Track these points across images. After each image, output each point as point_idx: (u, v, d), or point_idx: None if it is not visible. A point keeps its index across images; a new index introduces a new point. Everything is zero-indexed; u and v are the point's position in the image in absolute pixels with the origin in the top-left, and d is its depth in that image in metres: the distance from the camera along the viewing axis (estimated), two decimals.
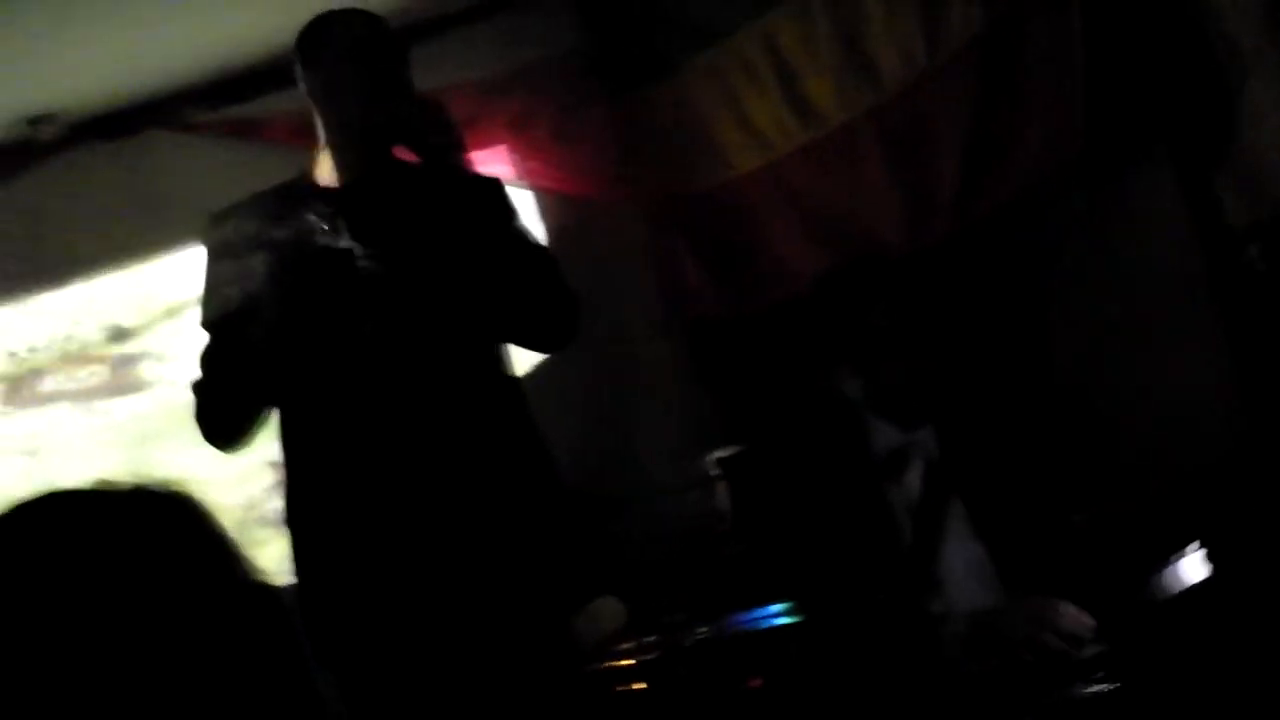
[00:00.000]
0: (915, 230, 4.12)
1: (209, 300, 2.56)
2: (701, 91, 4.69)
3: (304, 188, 2.63)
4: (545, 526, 2.50)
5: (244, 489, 4.24)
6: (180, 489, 1.15)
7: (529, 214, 4.92)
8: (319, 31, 2.61)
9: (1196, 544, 2.15)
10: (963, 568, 2.59)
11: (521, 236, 2.63)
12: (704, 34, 4.67)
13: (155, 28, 4.21)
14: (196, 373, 2.58)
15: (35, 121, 4.52)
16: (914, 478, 2.66)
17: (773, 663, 2.14)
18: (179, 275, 4.71)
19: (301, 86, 2.63)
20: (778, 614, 2.17)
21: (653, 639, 2.16)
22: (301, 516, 2.52)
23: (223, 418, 2.55)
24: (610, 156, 4.94)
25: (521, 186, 4.94)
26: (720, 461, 3.35)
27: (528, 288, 2.54)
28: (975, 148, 3.94)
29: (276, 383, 2.48)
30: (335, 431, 2.48)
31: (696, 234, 4.83)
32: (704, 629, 2.14)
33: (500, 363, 2.59)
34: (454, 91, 4.65)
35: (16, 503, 1.11)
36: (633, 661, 2.14)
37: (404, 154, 2.70)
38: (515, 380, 2.63)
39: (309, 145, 4.66)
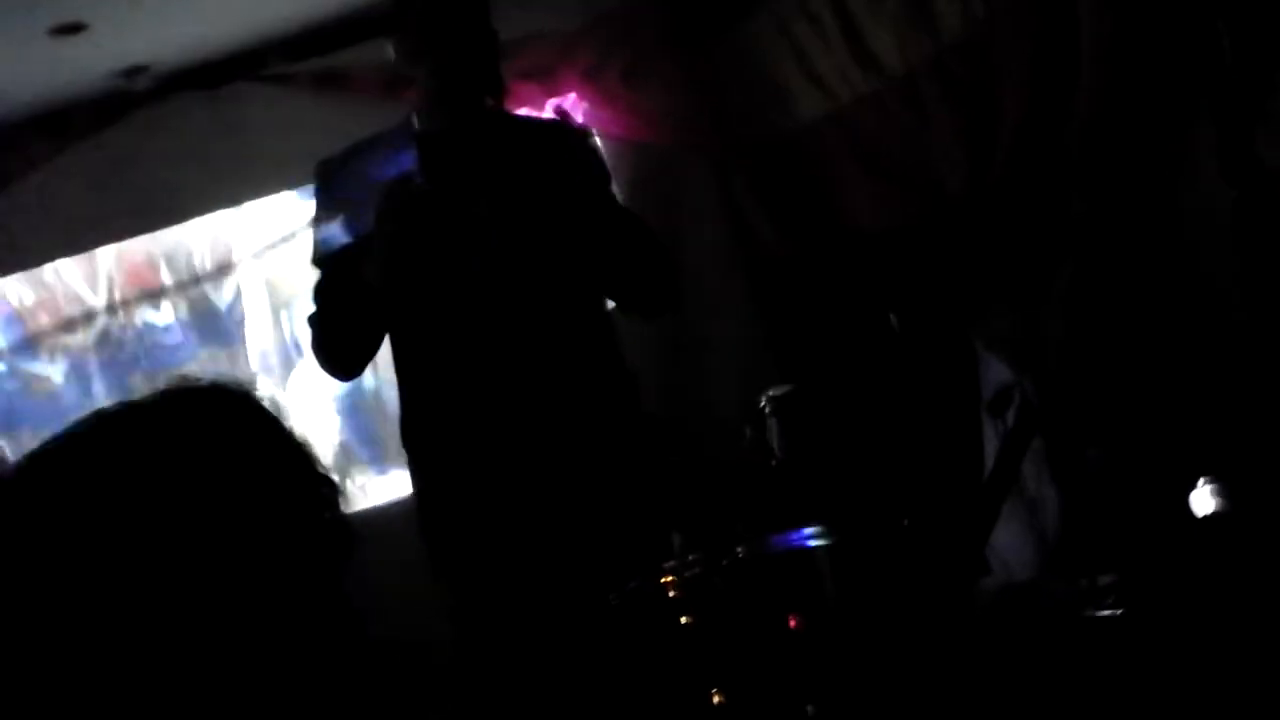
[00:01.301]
0: (977, 176, 4.22)
1: (320, 240, 2.73)
2: (769, 40, 4.80)
3: (409, 134, 2.78)
4: (633, 447, 2.69)
5: None
6: (252, 387, 1.24)
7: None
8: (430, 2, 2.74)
9: (1206, 479, 2.27)
10: (1027, 509, 2.72)
11: (613, 203, 2.81)
12: None
13: None
14: (312, 307, 2.77)
15: (128, 73, 4.74)
16: (1012, 416, 2.79)
17: (805, 583, 2.31)
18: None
19: (397, 42, 2.76)
20: (812, 536, 2.33)
21: (694, 558, 2.33)
22: (418, 437, 2.73)
23: (338, 348, 2.74)
24: (680, 104, 5.07)
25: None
26: (772, 399, 3.50)
27: (628, 250, 2.72)
28: (1034, 95, 4.02)
29: (388, 317, 2.65)
30: (448, 359, 2.68)
31: (762, 178, 4.96)
32: (741, 549, 2.31)
33: (597, 298, 2.76)
34: (530, 41, 4.81)
35: (102, 408, 1.19)
36: (673, 578, 2.31)
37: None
38: (607, 314, 2.80)
39: (392, 98, 4.89)
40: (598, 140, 2.98)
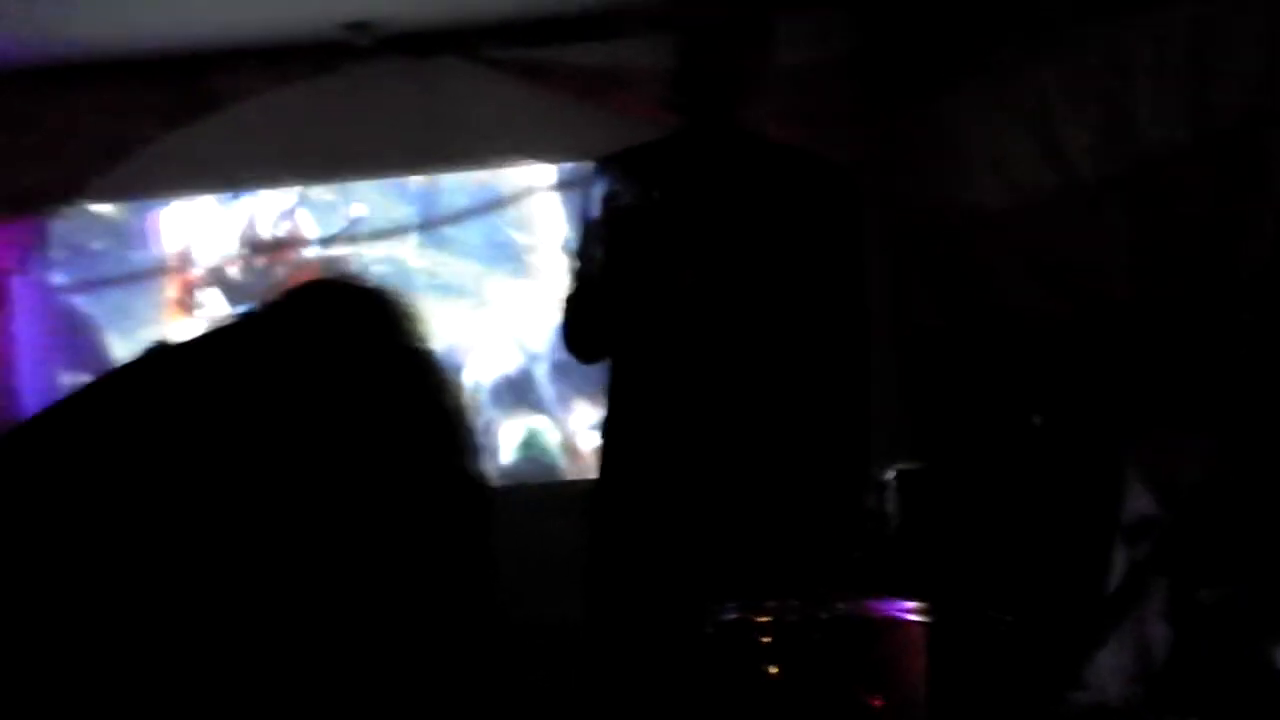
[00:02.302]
0: (1147, 290, 4.22)
1: (582, 231, 2.89)
2: (963, 120, 4.84)
3: (661, 148, 2.88)
4: (810, 486, 2.75)
5: None
6: (400, 294, 1.11)
7: None
8: (693, 8, 2.82)
9: None
10: (1136, 637, 2.72)
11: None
12: (977, 63, 4.81)
13: None
14: (570, 288, 2.92)
15: (352, 27, 4.95)
16: (1144, 549, 2.80)
17: (896, 656, 2.34)
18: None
19: (662, 58, 2.85)
20: (912, 610, 2.36)
21: (794, 604, 2.38)
22: (612, 431, 2.87)
23: (576, 335, 2.89)
24: (860, 164, 5.11)
25: None
26: (897, 472, 3.54)
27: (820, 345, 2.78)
28: (1213, 229, 4.02)
29: (615, 313, 2.79)
30: (650, 364, 2.79)
31: (928, 253, 4.99)
32: (843, 607, 2.36)
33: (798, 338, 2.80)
34: None
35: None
36: (770, 619, 2.36)
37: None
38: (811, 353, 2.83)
39: (590, 100, 5.03)
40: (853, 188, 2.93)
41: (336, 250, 5.20)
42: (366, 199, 5.25)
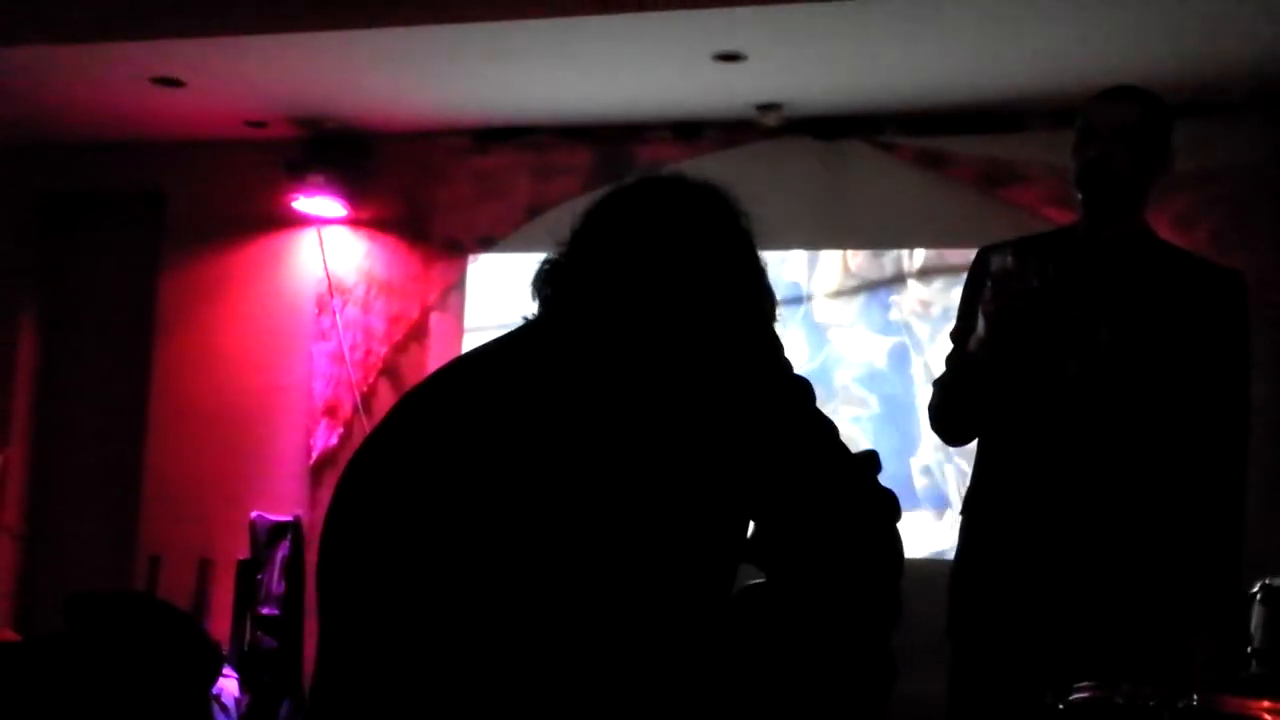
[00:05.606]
0: None
1: (960, 316, 2.92)
2: None
3: (1059, 239, 2.90)
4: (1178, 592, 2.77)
5: None
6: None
7: None
8: (1101, 106, 2.82)
9: None
10: None
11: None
12: None
13: (885, 53, 4.80)
14: (940, 370, 2.98)
15: (762, 108, 5.28)
16: None
17: None
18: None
19: (1073, 153, 2.83)
20: (1268, 710, 2.36)
21: (1150, 689, 2.43)
22: (976, 507, 2.90)
23: (944, 416, 2.94)
24: (1264, 270, 5.02)
25: None
26: (1266, 586, 3.46)
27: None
28: None
29: (990, 398, 2.82)
30: (1026, 449, 2.81)
31: None
32: (1199, 697, 2.39)
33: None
34: None
35: None
36: (1123, 701, 2.41)
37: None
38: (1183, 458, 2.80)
39: (982, 190, 5.14)
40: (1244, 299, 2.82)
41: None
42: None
